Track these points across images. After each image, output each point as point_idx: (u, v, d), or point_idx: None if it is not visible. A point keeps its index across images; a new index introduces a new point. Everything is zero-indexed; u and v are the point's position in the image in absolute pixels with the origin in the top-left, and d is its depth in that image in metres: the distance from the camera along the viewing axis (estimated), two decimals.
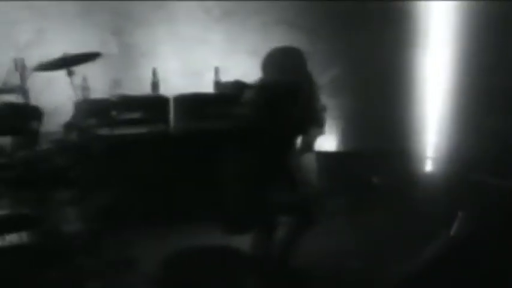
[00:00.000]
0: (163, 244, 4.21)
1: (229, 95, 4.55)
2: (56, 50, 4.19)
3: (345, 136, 5.83)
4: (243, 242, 3.77)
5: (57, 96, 4.62)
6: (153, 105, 4.79)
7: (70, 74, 4.00)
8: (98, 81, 4.90)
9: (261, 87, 3.62)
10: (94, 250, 3.89)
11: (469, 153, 5.31)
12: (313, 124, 3.81)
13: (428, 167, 5.90)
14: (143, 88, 4.98)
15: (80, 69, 4.49)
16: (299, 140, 3.84)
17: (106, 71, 5.07)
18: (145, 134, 4.64)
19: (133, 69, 5.20)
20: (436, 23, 5.67)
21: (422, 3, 5.67)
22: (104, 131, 4.36)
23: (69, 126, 3.98)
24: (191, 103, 4.83)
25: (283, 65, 3.65)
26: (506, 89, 5.10)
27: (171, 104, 4.83)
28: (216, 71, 5.09)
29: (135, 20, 5.22)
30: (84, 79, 4.56)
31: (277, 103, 3.52)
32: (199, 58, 5.35)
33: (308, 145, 3.90)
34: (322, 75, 5.43)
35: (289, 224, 3.74)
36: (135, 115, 4.62)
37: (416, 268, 3.40)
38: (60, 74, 4.22)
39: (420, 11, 5.69)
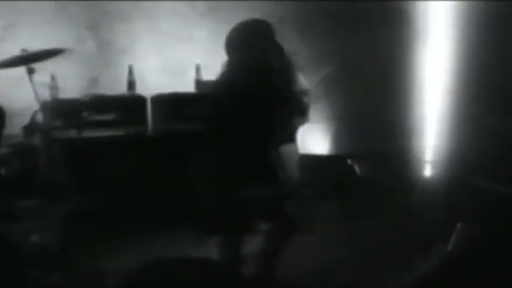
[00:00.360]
0: (138, 254, 3.83)
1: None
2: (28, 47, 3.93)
3: (339, 138, 5.55)
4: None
5: (27, 97, 4.27)
6: (129, 105, 4.54)
7: (30, 72, 3.67)
8: (73, 80, 4.76)
9: (222, 74, 3.26)
10: (60, 262, 3.67)
11: (469, 155, 5.09)
12: (293, 111, 3.37)
13: (427, 170, 5.67)
14: (122, 87, 4.77)
15: (52, 67, 4.38)
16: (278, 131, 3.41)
17: (82, 69, 4.89)
18: (121, 137, 4.41)
19: (111, 67, 4.96)
20: (435, 23, 5.47)
21: (422, 3, 5.45)
22: (72, 134, 4.13)
23: (28, 128, 3.67)
24: (170, 103, 4.58)
25: (247, 43, 3.22)
26: (506, 88, 4.91)
27: (149, 105, 4.60)
28: (197, 68, 4.81)
29: (113, 14, 4.96)
30: (53, 77, 4.36)
31: (241, 92, 3.14)
32: (183, 56, 5.08)
33: (288, 135, 3.50)
34: (314, 73, 5.35)
35: (268, 231, 3.42)
36: (109, 116, 4.39)
37: (413, 284, 3.26)
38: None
39: (419, 11, 5.46)
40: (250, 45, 3.20)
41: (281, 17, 5.10)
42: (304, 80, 3.42)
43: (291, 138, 3.53)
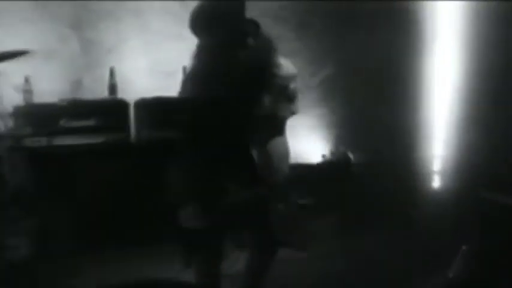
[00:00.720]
0: (115, 272, 3.77)
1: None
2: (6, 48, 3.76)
3: (339, 145, 5.21)
4: None
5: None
6: (110, 110, 4.30)
7: None
8: (55, 83, 4.53)
9: (191, 67, 2.94)
10: (29, 279, 3.51)
11: (479, 164, 4.89)
12: (278, 97, 2.93)
13: (434, 180, 5.42)
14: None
15: (32, 69, 4.25)
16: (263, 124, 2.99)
17: (64, 71, 4.64)
18: (100, 144, 4.17)
19: (96, 69, 4.69)
20: (443, 24, 5.24)
21: (430, 3, 5.20)
22: (44, 141, 3.90)
23: None
24: (154, 108, 4.31)
25: (214, 21, 2.80)
26: None
27: (131, 110, 4.36)
28: (185, 70, 4.48)
29: (98, 12, 4.70)
30: (27, 80, 4.16)
31: (213, 79, 2.79)
32: (173, 56, 4.75)
33: (276, 128, 3.02)
34: (313, 75, 5.14)
35: (251, 248, 3.16)
36: (88, 122, 4.16)
37: None
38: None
39: (426, 11, 5.20)
40: (218, 23, 2.80)
41: (277, 15, 4.84)
42: (290, 64, 3.01)
43: (279, 131, 3.03)
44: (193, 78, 2.95)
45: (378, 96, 5.06)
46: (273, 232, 3.08)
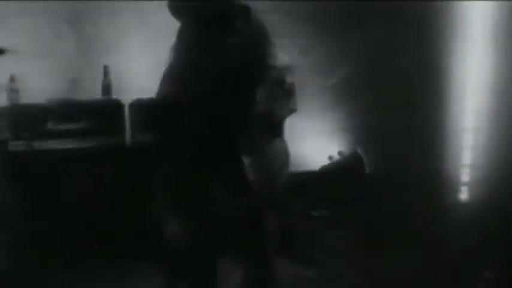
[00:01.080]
0: None
1: None
2: None
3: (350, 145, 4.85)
4: None
5: None
6: (103, 112, 4.08)
7: None
8: (48, 82, 4.32)
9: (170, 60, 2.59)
10: None
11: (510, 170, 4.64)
12: (274, 92, 2.63)
13: (460, 193, 5.15)
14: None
15: (25, 67, 4.11)
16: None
17: (59, 69, 4.43)
18: (91, 149, 3.97)
19: (94, 68, 4.42)
20: (472, 23, 4.98)
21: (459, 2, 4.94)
22: (27, 146, 3.73)
23: None
24: (151, 109, 3.98)
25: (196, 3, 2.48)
26: None
27: (126, 111, 4.12)
28: None
29: (96, 7, 4.49)
30: (12, 79, 3.96)
31: (198, 71, 2.44)
32: None
33: (273, 128, 2.73)
34: (329, 75, 4.83)
35: (244, 267, 2.82)
36: (79, 125, 3.97)
37: None
38: None
39: (455, 9, 4.93)
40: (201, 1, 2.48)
41: (289, 10, 4.55)
42: (284, 55, 2.66)
43: (277, 131, 2.75)
44: (176, 72, 2.61)
45: (400, 100, 4.79)
46: (270, 247, 2.79)
